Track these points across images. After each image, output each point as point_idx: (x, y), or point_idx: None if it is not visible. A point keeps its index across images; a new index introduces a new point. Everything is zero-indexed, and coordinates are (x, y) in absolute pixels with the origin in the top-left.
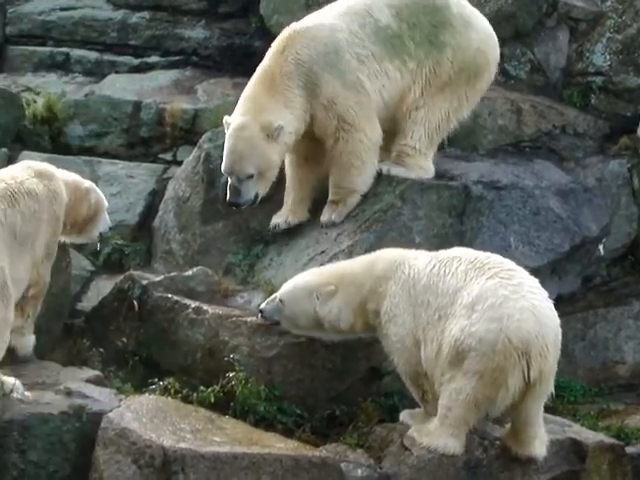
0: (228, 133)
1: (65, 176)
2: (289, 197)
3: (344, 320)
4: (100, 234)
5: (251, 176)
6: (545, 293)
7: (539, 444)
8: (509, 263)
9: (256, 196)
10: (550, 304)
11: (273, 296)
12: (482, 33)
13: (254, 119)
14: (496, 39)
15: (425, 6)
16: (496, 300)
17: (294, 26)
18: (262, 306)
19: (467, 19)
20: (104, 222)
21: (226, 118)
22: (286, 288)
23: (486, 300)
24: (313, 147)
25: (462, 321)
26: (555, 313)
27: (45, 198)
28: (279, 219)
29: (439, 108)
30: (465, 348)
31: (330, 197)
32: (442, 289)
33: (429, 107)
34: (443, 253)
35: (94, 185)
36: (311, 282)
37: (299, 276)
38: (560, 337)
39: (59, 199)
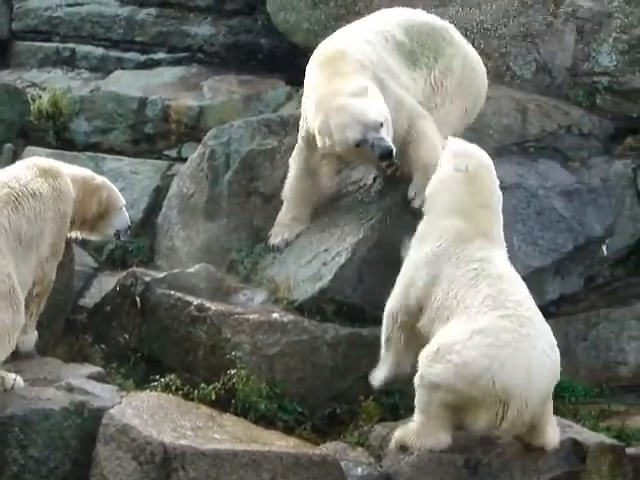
0: (339, 112)
1: (74, 171)
2: (289, 213)
3: None
4: (118, 232)
5: (380, 125)
6: (551, 343)
7: (552, 432)
8: (528, 306)
9: None
10: (551, 358)
11: None
12: (475, 55)
13: (341, 94)
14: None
15: (427, 28)
16: (497, 341)
17: (333, 44)
18: None
19: (463, 38)
20: (121, 220)
21: (319, 118)
22: None
23: (488, 337)
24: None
25: (460, 336)
26: (553, 371)
27: (50, 197)
28: (277, 239)
29: (451, 114)
30: (450, 359)
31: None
32: (461, 296)
33: (442, 115)
34: (488, 266)
35: (108, 182)
36: None
37: None
38: (548, 395)
39: (65, 197)
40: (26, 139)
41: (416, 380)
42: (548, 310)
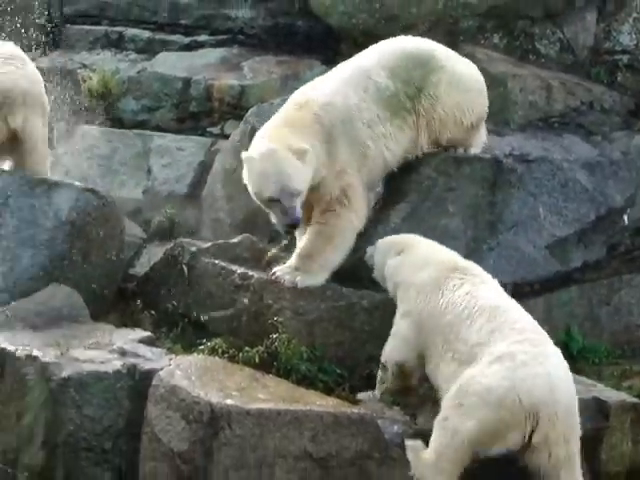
0: (262, 159)
1: None
2: None
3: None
4: None
5: (299, 193)
6: (565, 363)
7: None
8: (536, 327)
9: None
10: (567, 374)
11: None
12: (470, 65)
13: (283, 145)
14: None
15: (414, 62)
16: (514, 364)
17: (306, 91)
18: None
19: (451, 54)
20: None
21: (244, 153)
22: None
23: (505, 361)
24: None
25: (476, 370)
26: (571, 384)
27: None
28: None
29: (451, 108)
30: (471, 392)
31: (293, 261)
32: (462, 336)
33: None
34: (482, 299)
35: None
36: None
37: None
38: (575, 407)
39: None
40: (78, 118)
41: (437, 423)
42: (573, 277)
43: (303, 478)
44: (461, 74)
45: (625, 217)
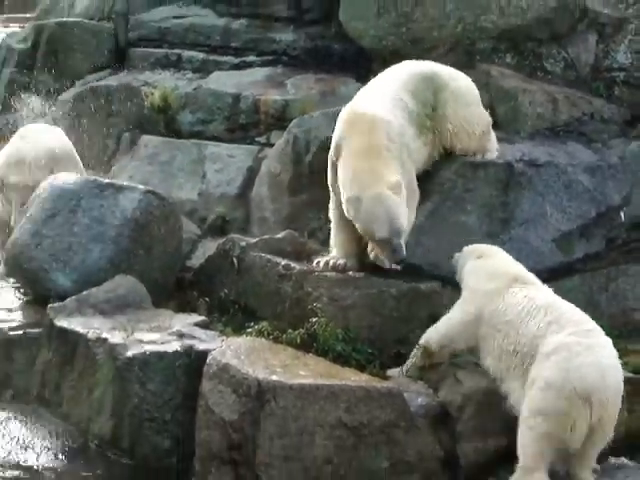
0: (370, 203)
1: None
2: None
3: None
4: None
5: (405, 231)
6: (614, 352)
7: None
8: (588, 321)
9: None
10: (617, 362)
11: None
12: (466, 79)
13: (382, 184)
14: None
15: (427, 84)
16: (569, 354)
17: (366, 110)
18: None
19: (451, 71)
20: None
21: (350, 193)
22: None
23: (561, 352)
24: None
25: (538, 365)
26: (620, 371)
27: None
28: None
29: (460, 122)
30: (535, 388)
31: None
32: (523, 331)
33: (453, 131)
34: (538, 299)
35: None
36: None
37: None
38: (621, 392)
39: None
40: (141, 129)
41: (519, 427)
42: (575, 267)
43: (339, 445)
44: (461, 90)
45: (622, 214)
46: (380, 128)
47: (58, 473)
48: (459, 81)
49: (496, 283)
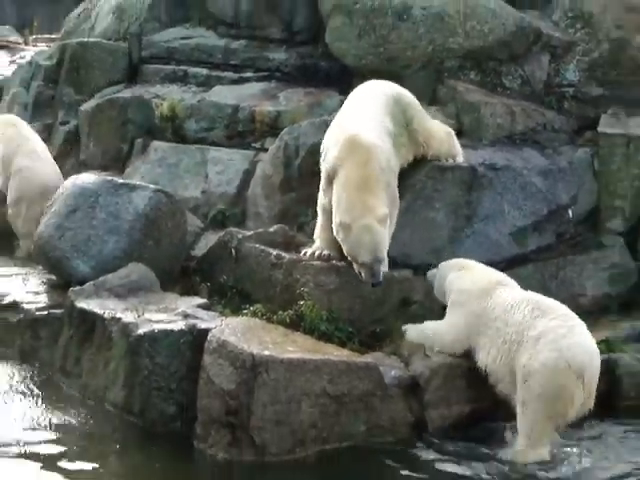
0: (358, 231)
1: None
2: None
3: None
4: None
5: (385, 259)
6: (589, 333)
7: None
8: (561, 307)
9: None
10: (594, 343)
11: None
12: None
13: (371, 216)
14: None
15: (396, 102)
16: (556, 336)
17: (363, 140)
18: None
19: (405, 90)
20: None
21: (341, 219)
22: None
23: (548, 335)
24: None
25: (529, 350)
26: (597, 350)
27: None
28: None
29: (428, 133)
30: (531, 370)
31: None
32: (511, 321)
33: (424, 142)
34: (518, 295)
35: None
36: None
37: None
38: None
39: None
40: (152, 136)
41: (518, 409)
42: (529, 257)
43: (323, 411)
44: (417, 105)
45: (570, 212)
46: (374, 159)
47: (80, 431)
48: (412, 98)
49: (483, 285)
